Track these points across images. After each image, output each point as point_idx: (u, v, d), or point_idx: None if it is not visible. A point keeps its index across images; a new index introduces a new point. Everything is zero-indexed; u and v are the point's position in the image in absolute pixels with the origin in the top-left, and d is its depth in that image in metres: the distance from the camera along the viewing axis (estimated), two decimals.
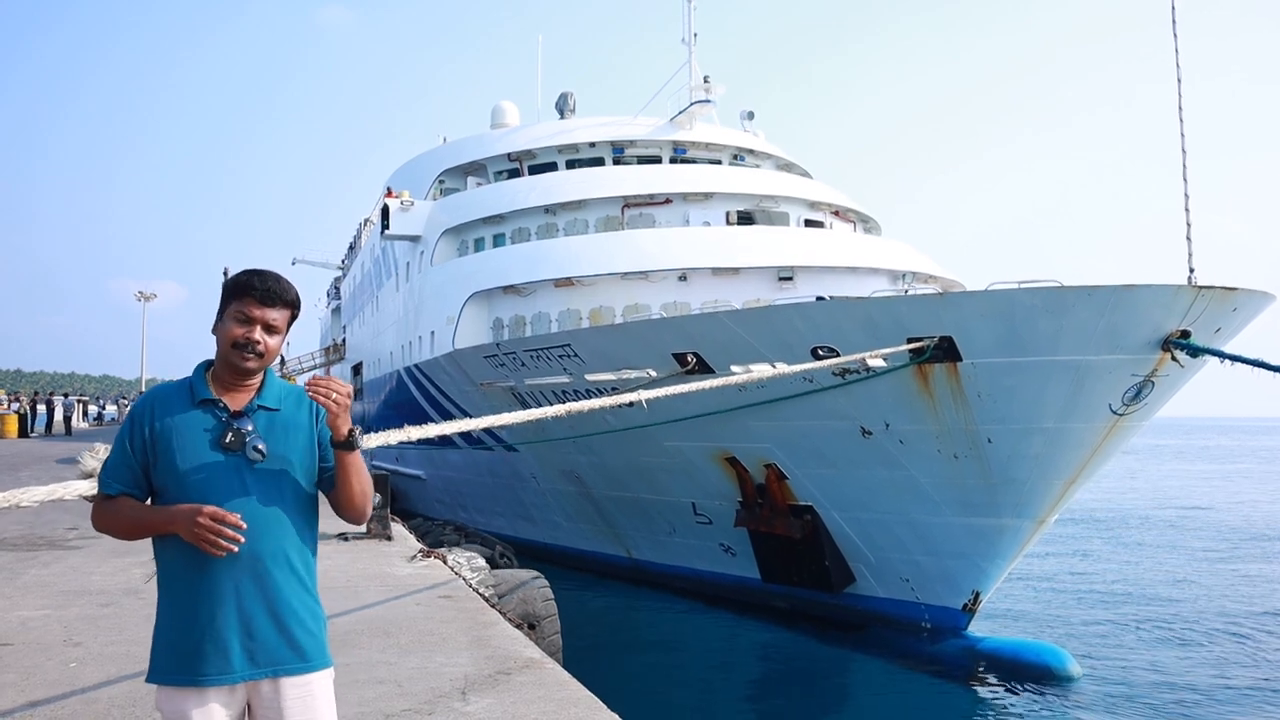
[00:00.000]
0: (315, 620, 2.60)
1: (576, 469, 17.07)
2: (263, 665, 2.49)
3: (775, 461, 13.30)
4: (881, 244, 19.37)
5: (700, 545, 15.64)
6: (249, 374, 2.60)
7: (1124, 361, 10.42)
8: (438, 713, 4.81)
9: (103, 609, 7.07)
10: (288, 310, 2.66)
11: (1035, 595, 16.95)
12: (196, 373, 2.65)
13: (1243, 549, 23.13)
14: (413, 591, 7.87)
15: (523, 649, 6.07)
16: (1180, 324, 10.14)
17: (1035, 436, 11.09)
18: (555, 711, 4.84)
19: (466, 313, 18.54)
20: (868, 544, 13.16)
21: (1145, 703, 10.84)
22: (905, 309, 10.57)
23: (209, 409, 2.56)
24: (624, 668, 11.86)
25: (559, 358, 14.67)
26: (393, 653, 5.87)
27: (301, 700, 2.54)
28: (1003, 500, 11.75)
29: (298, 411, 2.65)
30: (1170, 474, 49.33)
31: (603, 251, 17.38)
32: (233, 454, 2.52)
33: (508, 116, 24.40)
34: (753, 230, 17.94)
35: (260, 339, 2.58)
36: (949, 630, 12.78)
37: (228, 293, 2.62)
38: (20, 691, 5.02)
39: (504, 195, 20.12)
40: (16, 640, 6.08)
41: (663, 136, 20.77)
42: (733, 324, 11.92)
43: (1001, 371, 10.67)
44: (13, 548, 9.81)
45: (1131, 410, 10.99)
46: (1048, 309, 10.04)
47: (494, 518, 21.76)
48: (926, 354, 10.69)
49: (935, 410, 11.29)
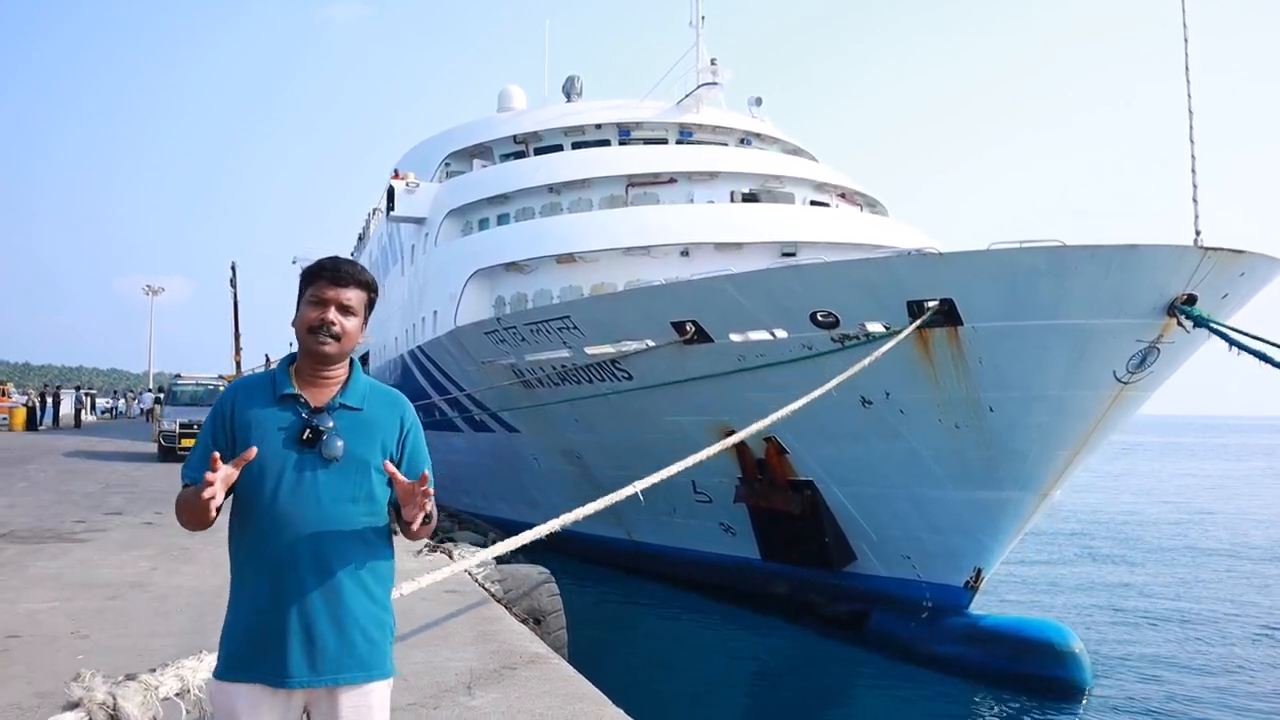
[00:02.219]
0: (380, 629, 2.56)
1: (577, 448, 16.94)
2: (322, 673, 2.44)
3: (775, 435, 13.12)
4: (886, 223, 19.19)
5: (700, 525, 15.46)
6: (329, 360, 2.54)
7: (1129, 326, 10.19)
8: (443, 707, 4.82)
9: (110, 602, 7.10)
10: (363, 291, 2.59)
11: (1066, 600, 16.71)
12: (280, 366, 2.61)
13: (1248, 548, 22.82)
14: (418, 586, 7.84)
15: (528, 644, 6.10)
16: (1186, 287, 9.90)
17: (1037, 405, 10.86)
18: (560, 706, 4.86)
19: (468, 291, 18.46)
20: (869, 520, 12.95)
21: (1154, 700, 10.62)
22: (904, 269, 10.39)
23: (289, 404, 2.51)
24: (629, 663, 11.71)
25: (558, 330, 14.54)
26: (398, 646, 5.79)
27: (357, 710, 2.49)
28: (1005, 472, 11.51)
29: (384, 414, 2.59)
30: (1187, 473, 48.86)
31: (605, 228, 17.27)
32: (309, 451, 2.46)
33: (514, 100, 24.36)
34: (757, 207, 17.79)
35: (335, 319, 2.51)
36: (950, 608, 12.54)
37: (303, 280, 2.60)
38: (28, 683, 5.04)
39: (508, 175, 20.05)
40: (24, 633, 6.13)
41: (669, 119, 20.65)
42: (731, 288, 11.77)
43: (1003, 335, 10.46)
44: (20, 540, 9.84)
45: (1137, 379, 10.75)
46: (1050, 269, 9.83)
47: (496, 502, 21.65)
48: (927, 317, 10.50)
49: (935, 378, 11.09)
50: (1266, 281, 10.90)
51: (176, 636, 6.00)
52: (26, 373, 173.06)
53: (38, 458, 21.23)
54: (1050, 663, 10.89)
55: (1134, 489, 38.56)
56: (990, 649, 11.40)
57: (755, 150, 20.77)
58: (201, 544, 9.01)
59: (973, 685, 10.99)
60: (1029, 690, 10.68)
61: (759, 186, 18.81)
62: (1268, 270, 10.62)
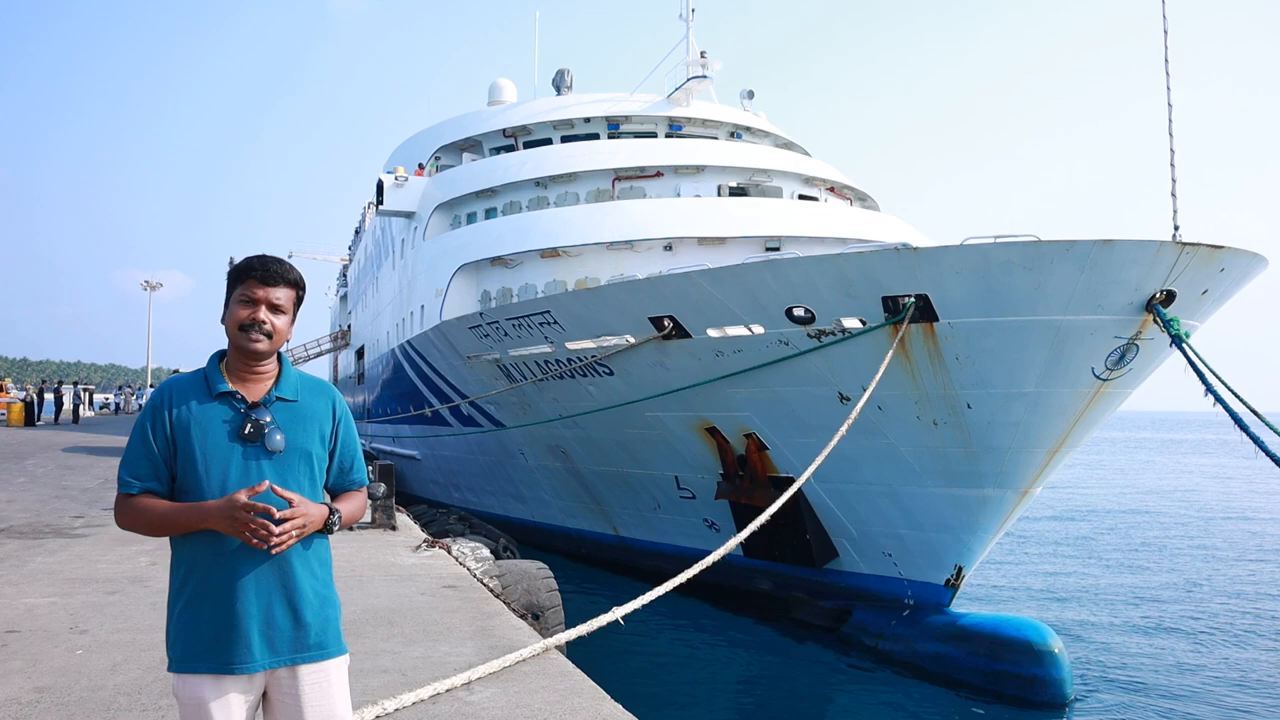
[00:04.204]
0: (332, 608, 2.64)
1: (563, 444, 16.88)
2: (282, 654, 2.52)
3: (755, 430, 13.03)
4: (873, 216, 19.02)
5: (684, 521, 15.40)
6: (260, 357, 2.60)
7: (1106, 322, 10.05)
8: (442, 702, 4.80)
9: (108, 597, 7.10)
10: (292, 290, 2.65)
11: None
12: (210, 364, 2.65)
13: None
14: (417, 581, 7.93)
15: (526, 639, 6.06)
16: (1164, 284, 9.77)
17: (1016, 402, 10.74)
18: (559, 701, 4.84)
19: (454, 285, 18.40)
20: (850, 517, 12.85)
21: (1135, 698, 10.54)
22: (879, 265, 10.26)
23: (226, 400, 2.57)
24: (627, 658, 11.64)
25: (540, 325, 14.46)
26: (397, 642, 5.87)
27: (318, 687, 2.57)
28: (985, 469, 11.40)
29: (316, 403, 2.67)
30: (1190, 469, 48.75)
31: (589, 222, 17.18)
32: (251, 445, 2.53)
33: (504, 94, 24.27)
34: (741, 201, 17.66)
35: (266, 318, 2.58)
36: (931, 606, 12.45)
37: (231, 279, 2.63)
38: (27, 678, 5.03)
39: (496, 169, 19.97)
40: (23, 627, 6.10)
41: (659, 113, 20.56)
42: (706, 283, 11.66)
43: (979, 332, 10.33)
44: (19, 535, 9.84)
45: (1116, 375, 10.62)
46: (1025, 264, 9.69)
47: (486, 497, 21.63)
48: (902, 314, 10.38)
49: (913, 374, 10.98)
50: (1249, 277, 10.75)
51: None
52: (25, 368, 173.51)
53: (36, 453, 21.23)
54: (1029, 661, 10.79)
55: (1124, 485, 38.43)
56: (969, 647, 11.31)
57: (744, 144, 20.65)
58: None
59: (951, 691, 10.88)
60: (1008, 688, 10.60)
61: (746, 180, 18.70)
62: (1249, 266, 10.47)
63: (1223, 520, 27.24)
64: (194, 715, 2.48)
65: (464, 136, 22.30)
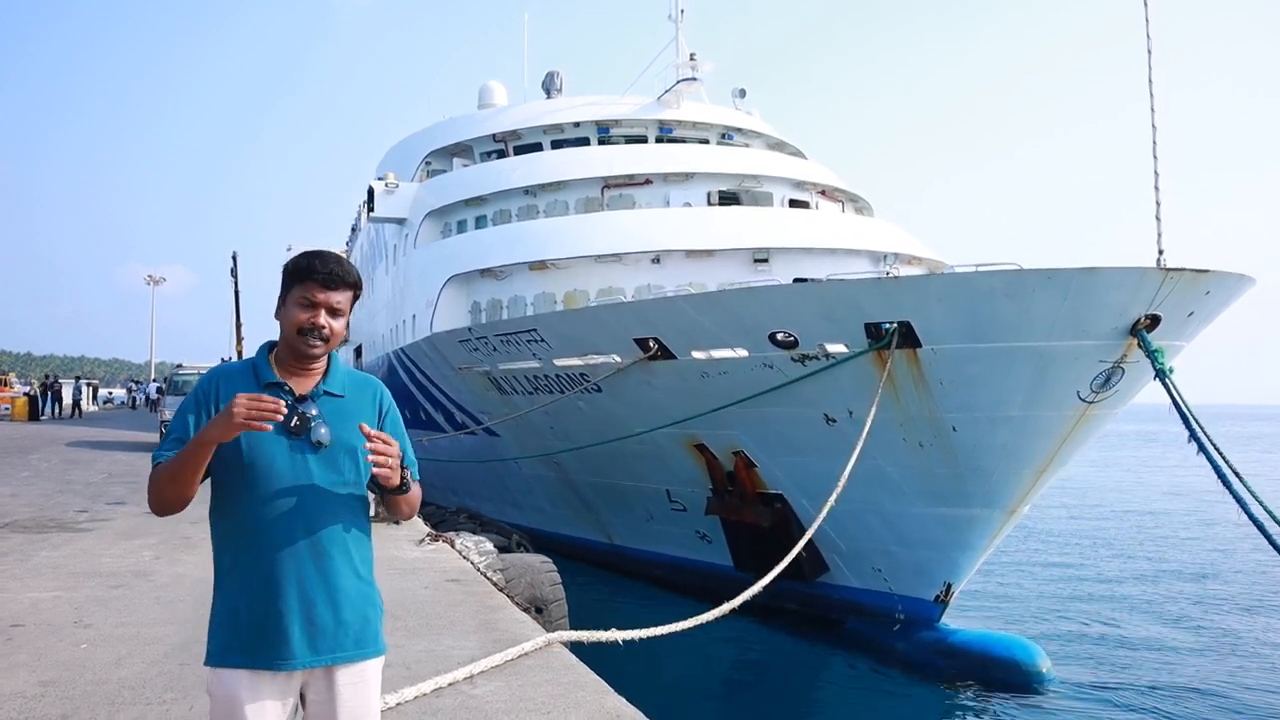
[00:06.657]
0: (373, 607, 2.59)
1: (555, 455, 16.88)
2: (322, 653, 2.46)
3: (743, 449, 13.01)
4: (865, 224, 18.87)
5: (677, 532, 15.42)
6: (315, 359, 2.56)
7: (1091, 348, 9.98)
8: (445, 696, 4.78)
9: (113, 591, 7.10)
10: (350, 291, 2.61)
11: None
12: (260, 355, 2.62)
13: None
14: (421, 575, 7.88)
15: (530, 632, 6.04)
16: (1148, 308, 9.68)
17: (1001, 426, 10.69)
18: (562, 694, 4.84)
19: (445, 296, 18.34)
20: (839, 533, 12.84)
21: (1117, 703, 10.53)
22: (861, 293, 10.18)
23: (274, 392, 2.49)
24: (630, 652, 11.71)
25: (527, 342, 14.42)
26: (400, 636, 5.82)
27: (353, 687, 2.52)
28: (972, 490, 11.37)
29: (363, 398, 2.63)
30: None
31: (577, 234, 17.09)
32: (297, 439, 2.49)
33: (495, 96, 24.09)
34: (729, 211, 17.54)
35: (326, 323, 2.53)
36: (922, 622, 12.47)
37: (289, 276, 2.56)
38: (32, 672, 5.03)
39: (486, 177, 19.87)
40: (28, 621, 6.09)
41: (649, 116, 20.37)
42: (689, 309, 11.60)
43: (964, 358, 10.27)
44: (24, 530, 9.86)
45: (1102, 398, 10.56)
46: (1007, 292, 9.62)
47: (483, 502, 21.65)
48: (884, 340, 10.31)
49: (898, 398, 10.92)
50: (1235, 297, 10.65)
51: (179, 625, 6.04)
52: (29, 363, 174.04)
53: (40, 447, 21.24)
54: (1017, 679, 10.84)
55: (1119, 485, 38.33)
56: (958, 664, 11.35)
57: (734, 147, 20.48)
58: (203, 533, 8.91)
59: (942, 688, 10.95)
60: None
61: (736, 186, 18.56)
62: (1236, 287, 10.37)
63: (1222, 523, 27.04)
64: (226, 713, 2.42)
65: (454, 141, 22.14)
